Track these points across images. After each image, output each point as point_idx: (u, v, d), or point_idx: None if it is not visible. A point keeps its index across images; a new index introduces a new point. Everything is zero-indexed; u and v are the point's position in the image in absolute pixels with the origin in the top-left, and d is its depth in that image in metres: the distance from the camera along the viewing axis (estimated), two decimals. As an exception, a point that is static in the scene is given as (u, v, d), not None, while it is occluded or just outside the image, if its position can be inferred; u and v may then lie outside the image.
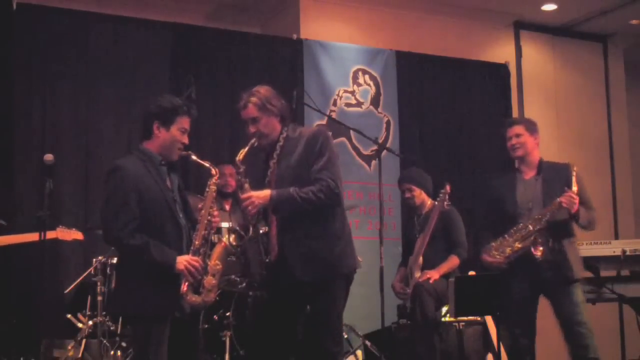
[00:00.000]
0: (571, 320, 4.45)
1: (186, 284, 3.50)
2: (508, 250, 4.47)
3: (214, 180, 3.71)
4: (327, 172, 3.73)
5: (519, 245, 4.46)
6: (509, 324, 4.62)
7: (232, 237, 5.27)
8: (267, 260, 3.80)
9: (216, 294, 3.66)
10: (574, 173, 4.47)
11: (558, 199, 4.40)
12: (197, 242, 3.58)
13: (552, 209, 4.42)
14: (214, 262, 3.62)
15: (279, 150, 3.83)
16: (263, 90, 3.85)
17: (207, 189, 3.70)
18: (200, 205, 3.66)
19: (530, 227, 4.44)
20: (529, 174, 4.68)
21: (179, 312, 3.54)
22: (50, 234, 5.11)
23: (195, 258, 3.54)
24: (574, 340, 4.46)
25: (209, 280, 3.57)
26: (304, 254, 3.71)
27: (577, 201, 4.38)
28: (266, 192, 3.71)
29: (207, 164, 3.73)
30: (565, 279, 4.45)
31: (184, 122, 3.65)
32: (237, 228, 5.35)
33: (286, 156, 3.81)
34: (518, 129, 4.77)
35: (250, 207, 3.69)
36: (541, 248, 4.42)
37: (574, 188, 4.41)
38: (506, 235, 4.51)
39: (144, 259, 3.44)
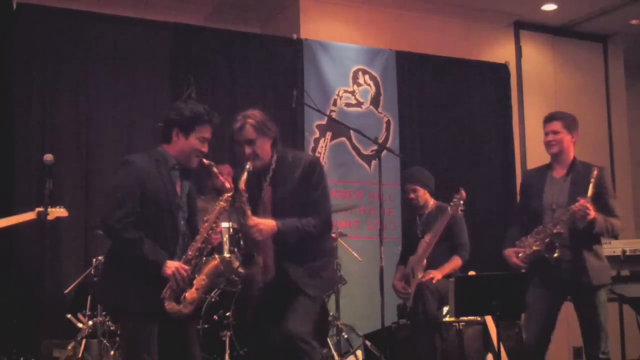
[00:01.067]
0: (588, 322, 4.44)
1: (168, 289, 3.50)
2: (527, 250, 4.47)
3: (226, 196, 3.70)
4: (324, 205, 3.89)
5: (536, 248, 4.43)
6: (523, 327, 4.59)
7: (237, 263, 5.28)
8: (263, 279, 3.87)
9: (194, 308, 3.64)
10: (592, 180, 4.33)
11: (571, 208, 4.31)
12: (190, 253, 3.59)
13: (568, 216, 4.34)
14: (202, 277, 3.62)
15: (272, 174, 3.87)
16: (258, 113, 3.90)
17: (216, 204, 3.70)
18: (205, 218, 3.67)
19: (548, 231, 4.39)
20: (560, 172, 4.58)
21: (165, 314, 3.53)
22: (29, 215, 5.10)
23: (185, 267, 3.54)
24: (589, 339, 4.46)
25: (192, 293, 3.56)
26: (310, 274, 3.85)
27: (590, 210, 4.26)
28: (272, 223, 3.76)
29: (223, 181, 3.73)
30: (584, 285, 4.41)
31: (205, 131, 3.65)
32: (240, 255, 5.36)
33: (282, 181, 3.86)
34: (556, 125, 4.58)
35: (257, 235, 3.74)
36: (555, 255, 4.38)
37: (589, 195, 4.29)
38: (529, 236, 4.48)
39: (134, 254, 3.45)
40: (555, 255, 4.37)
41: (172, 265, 3.49)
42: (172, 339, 3.57)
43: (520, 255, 4.49)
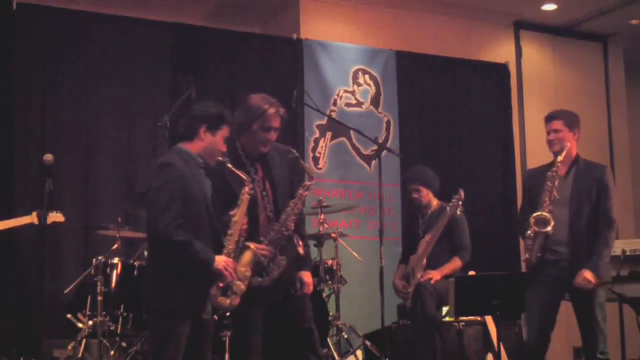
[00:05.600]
0: (586, 323, 4.45)
1: (217, 285, 3.58)
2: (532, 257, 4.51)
3: (247, 189, 3.74)
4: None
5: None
6: (523, 325, 4.61)
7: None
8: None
9: (240, 300, 3.73)
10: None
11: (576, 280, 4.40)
12: (231, 247, 3.64)
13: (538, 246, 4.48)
14: (244, 268, 3.70)
15: (265, 164, 4.05)
16: None
17: (241, 197, 3.73)
18: (232, 212, 3.70)
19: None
20: (562, 170, 4.57)
21: (206, 314, 3.61)
22: (27, 219, 5.11)
23: (231, 260, 3.61)
24: (587, 339, 4.47)
25: (238, 285, 3.65)
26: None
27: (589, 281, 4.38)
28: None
29: (241, 174, 3.76)
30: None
31: (226, 130, 3.70)
32: None
33: (270, 171, 4.04)
34: (557, 123, 4.60)
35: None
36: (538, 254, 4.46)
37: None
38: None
39: (185, 255, 3.46)
40: (550, 227, 4.41)
41: (221, 261, 3.55)
42: (192, 339, 3.60)
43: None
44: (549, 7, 7.86)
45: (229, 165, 3.74)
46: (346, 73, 7.13)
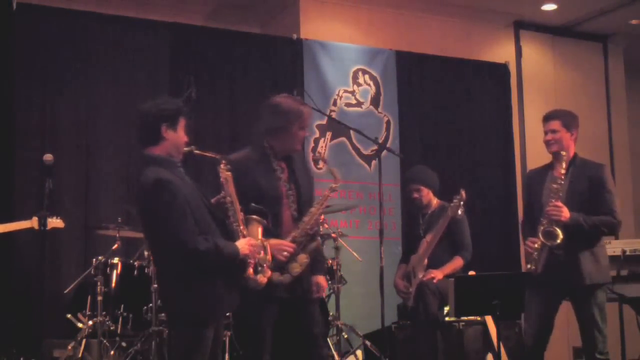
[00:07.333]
0: (585, 323, 4.45)
1: (252, 267, 3.59)
2: (535, 253, 4.48)
3: (222, 166, 3.71)
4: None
5: (538, 245, 4.45)
6: (523, 326, 4.59)
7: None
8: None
9: (270, 270, 3.75)
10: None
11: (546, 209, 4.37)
12: (242, 227, 3.64)
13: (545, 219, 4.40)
14: (259, 240, 3.71)
15: (290, 164, 4.05)
16: None
17: (222, 178, 3.70)
18: (223, 193, 3.70)
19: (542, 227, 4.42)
20: (560, 170, 4.54)
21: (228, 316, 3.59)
22: (26, 224, 5.12)
23: (249, 238, 3.62)
24: (586, 339, 4.47)
25: (263, 257, 3.68)
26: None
27: (562, 211, 4.32)
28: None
29: (211, 154, 3.75)
30: (578, 285, 4.42)
31: (184, 120, 3.65)
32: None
33: (294, 171, 4.04)
34: (554, 124, 4.57)
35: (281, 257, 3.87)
36: (558, 240, 4.38)
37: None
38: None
39: (215, 259, 3.44)
40: (559, 241, 4.36)
41: (243, 245, 3.55)
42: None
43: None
44: (549, 7, 7.86)
45: (197, 151, 3.72)
46: (346, 73, 7.13)
